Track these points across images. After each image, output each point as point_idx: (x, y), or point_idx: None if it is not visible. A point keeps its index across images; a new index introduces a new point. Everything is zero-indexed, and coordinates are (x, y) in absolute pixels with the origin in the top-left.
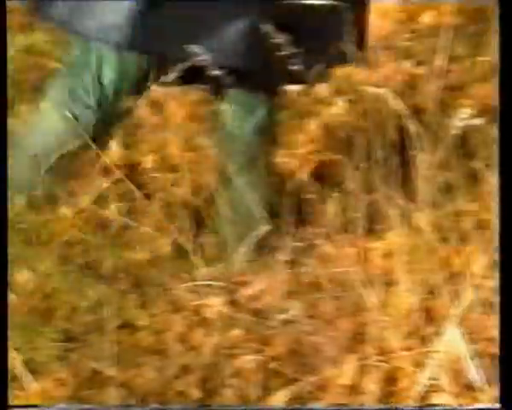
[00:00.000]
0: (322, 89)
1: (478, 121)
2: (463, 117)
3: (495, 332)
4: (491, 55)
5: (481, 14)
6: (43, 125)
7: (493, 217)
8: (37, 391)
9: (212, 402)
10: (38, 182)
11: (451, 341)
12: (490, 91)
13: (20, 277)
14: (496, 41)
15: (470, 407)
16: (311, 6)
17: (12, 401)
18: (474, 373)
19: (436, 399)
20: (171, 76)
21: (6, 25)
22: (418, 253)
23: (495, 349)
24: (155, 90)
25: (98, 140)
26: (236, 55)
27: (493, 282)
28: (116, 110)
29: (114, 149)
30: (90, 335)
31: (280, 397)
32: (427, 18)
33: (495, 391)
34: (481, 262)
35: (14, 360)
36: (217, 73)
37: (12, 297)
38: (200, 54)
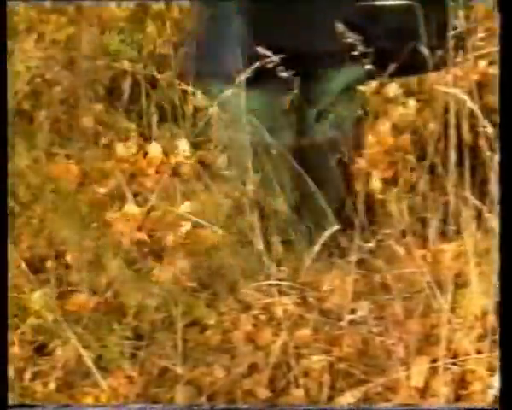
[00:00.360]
0: (392, 88)
1: None
2: None
3: None
4: None
5: None
6: None
7: None
8: (106, 389)
9: (280, 402)
10: None
11: None
12: None
13: (90, 275)
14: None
15: (470, 407)
16: (387, 6)
17: (82, 397)
18: None
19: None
20: (242, 77)
21: (6, 25)
22: (491, 255)
23: None
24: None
25: None
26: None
27: None
28: None
29: (184, 147)
30: (158, 333)
31: (348, 398)
32: None
33: None
34: None
35: (85, 358)
36: (285, 75)
37: (82, 296)
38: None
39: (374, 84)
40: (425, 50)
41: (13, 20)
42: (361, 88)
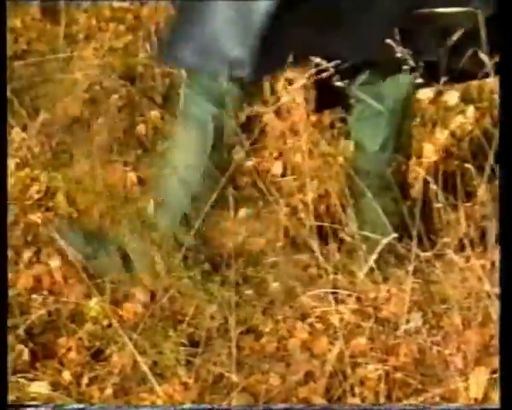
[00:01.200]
0: (451, 96)
1: None
2: None
3: None
4: None
5: None
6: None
7: None
8: (162, 395)
9: None
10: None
11: None
12: None
13: (147, 281)
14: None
15: (470, 407)
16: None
17: (138, 403)
18: None
19: None
20: (300, 82)
21: (6, 25)
22: None
23: None
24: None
25: None
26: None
27: None
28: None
29: (240, 155)
30: (214, 340)
31: (405, 407)
32: None
33: None
34: None
35: (141, 364)
36: (341, 84)
37: (138, 302)
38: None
39: (431, 91)
40: (485, 57)
41: (72, 28)
42: (418, 96)
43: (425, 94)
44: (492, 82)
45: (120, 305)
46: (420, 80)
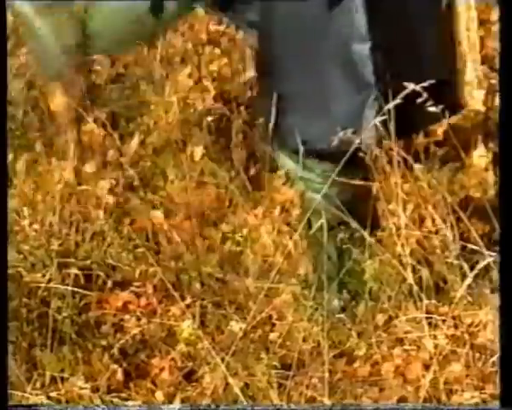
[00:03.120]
0: None
1: None
2: None
3: None
4: None
5: None
6: None
7: None
8: None
9: None
10: None
11: None
12: None
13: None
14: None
15: (470, 407)
16: None
17: None
18: None
19: None
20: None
21: (6, 25)
22: None
23: None
24: None
25: None
26: None
27: None
28: None
29: None
30: (306, 363)
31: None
32: None
33: None
34: None
35: (233, 385)
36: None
37: (231, 323)
38: None
39: None
40: None
41: (168, 51)
42: None
43: None
44: None
45: (213, 326)
46: None
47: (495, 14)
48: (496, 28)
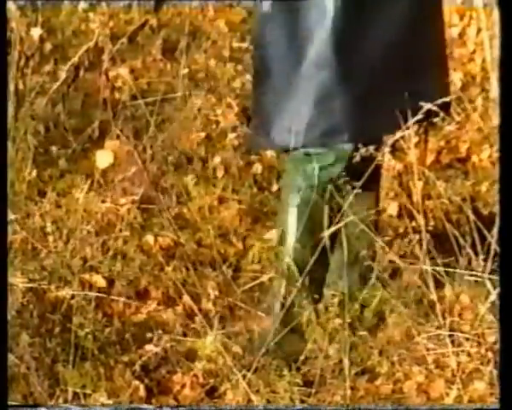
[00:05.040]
0: None
1: None
2: None
3: None
4: None
5: None
6: None
7: None
8: None
9: None
10: None
11: None
12: None
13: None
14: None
15: (470, 407)
16: None
17: None
18: None
19: None
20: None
21: (6, 25)
22: None
23: None
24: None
25: None
26: None
27: None
28: None
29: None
30: (328, 380)
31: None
32: None
33: None
34: None
35: (255, 402)
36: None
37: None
38: None
39: None
40: None
41: (191, 68)
42: None
43: None
44: None
45: (233, 342)
46: None
47: None
48: None
